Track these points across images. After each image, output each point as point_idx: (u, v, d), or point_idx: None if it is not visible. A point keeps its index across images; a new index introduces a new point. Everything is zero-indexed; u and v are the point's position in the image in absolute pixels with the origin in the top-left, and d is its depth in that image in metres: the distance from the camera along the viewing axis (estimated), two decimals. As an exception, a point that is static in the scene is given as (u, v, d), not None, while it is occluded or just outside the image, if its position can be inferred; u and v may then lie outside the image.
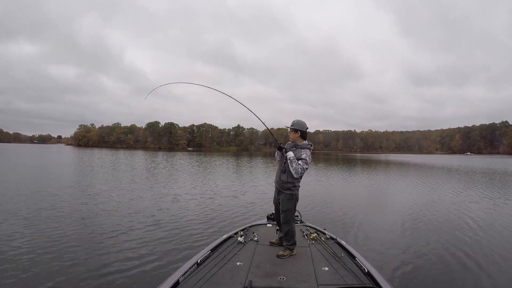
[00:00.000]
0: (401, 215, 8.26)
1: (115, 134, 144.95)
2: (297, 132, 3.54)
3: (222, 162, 34.07)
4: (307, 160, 3.39)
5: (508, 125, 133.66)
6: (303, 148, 3.46)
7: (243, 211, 8.43)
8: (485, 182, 17.62)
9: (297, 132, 3.54)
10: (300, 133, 3.54)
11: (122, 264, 4.52)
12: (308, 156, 3.41)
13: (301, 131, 3.53)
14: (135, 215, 7.61)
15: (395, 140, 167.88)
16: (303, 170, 3.36)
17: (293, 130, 3.55)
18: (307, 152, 3.43)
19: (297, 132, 3.54)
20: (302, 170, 3.35)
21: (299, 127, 3.53)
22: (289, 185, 3.45)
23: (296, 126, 3.54)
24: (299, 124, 3.54)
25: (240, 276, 2.75)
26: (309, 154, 3.44)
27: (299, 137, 3.54)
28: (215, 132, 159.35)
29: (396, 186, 15.35)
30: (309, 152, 3.45)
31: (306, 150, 3.45)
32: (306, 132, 3.55)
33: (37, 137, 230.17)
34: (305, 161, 3.37)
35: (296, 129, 3.54)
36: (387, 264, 4.74)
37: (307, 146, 3.49)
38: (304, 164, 3.36)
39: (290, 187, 3.46)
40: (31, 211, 7.56)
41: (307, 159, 3.39)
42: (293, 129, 3.55)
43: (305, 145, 3.49)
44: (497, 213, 8.77)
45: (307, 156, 3.41)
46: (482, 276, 4.39)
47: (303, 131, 3.54)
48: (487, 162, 45.64)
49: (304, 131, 3.54)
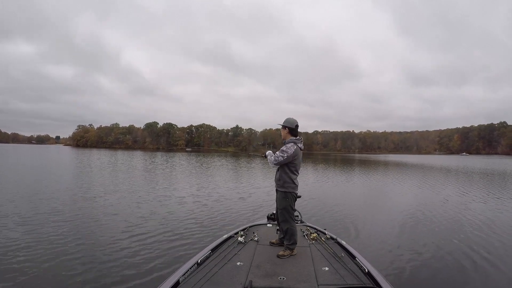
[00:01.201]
0: (401, 215, 8.28)
1: (113, 135, 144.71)
2: (286, 129, 3.71)
3: (222, 162, 34.05)
4: (283, 149, 3.56)
5: (506, 125, 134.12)
6: (288, 143, 3.62)
7: (243, 211, 8.42)
8: (484, 182, 17.67)
9: (286, 129, 3.71)
10: (288, 130, 3.70)
11: (122, 264, 4.51)
12: (288, 148, 3.54)
13: (289, 128, 3.69)
14: (135, 215, 7.59)
15: (393, 140, 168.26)
16: (277, 157, 3.54)
17: (283, 127, 3.75)
18: (288, 145, 3.58)
19: (285, 129, 3.71)
20: (276, 158, 3.56)
21: (287, 124, 3.70)
22: (283, 183, 3.58)
23: (285, 123, 3.73)
24: (287, 121, 3.72)
25: (240, 276, 2.75)
26: (290, 146, 3.56)
27: (288, 134, 3.70)
28: (214, 132, 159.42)
29: (396, 186, 15.37)
30: (290, 145, 3.57)
31: (289, 143, 3.60)
32: (294, 128, 3.70)
33: (35, 137, 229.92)
34: (282, 151, 3.56)
35: (285, 126, 3.72)
36: (387, 264, 4.75)
37: (292, 140, 3.64)
38: (280, 153, 3.55)
39: (284, 185, 3.58)
40: (30, 212, 7.54)
41: (285, 149, 3.55)
42: (283, 126, 3.74)
43: (290, 140, 3.65)
44: (497, 213, 8.80)
45: (286, 148, 3.55)
46: (482, 276, 4.41)
47: (292, 128, 3.68)
48: (483, 163, 45.78)
49: (292, 127, 3.68)
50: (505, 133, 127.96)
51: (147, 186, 12.94)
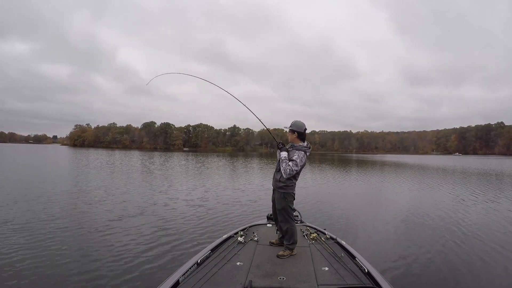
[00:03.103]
0: (401, 215, 8.29)
1: (110, 134, 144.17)
2: (294, 133, 3.56)
3: (220, 162, 34.01)
4: (297, 162, 3.38)
5: (503, 126, 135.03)
6: (298, 150, 3.46)
7: (243, 211, 8.42)
8: (482, 183, 17.75)
9: (294, 133, 3.56)
10: (297, 134, 3.55)
11: (122, 264, 4.49)
12: (300, 158, 3.40)
13: (298, 132, 3.54)
14: (135, 215, 7.56)
15: (390, 140, 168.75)
16: (292, 171, 3.36)
17: (290, 131, 3.59)
18: (300, 154, 3.42)
19: (294, 133, 3.56)
20: (290, 171, 3.36)
21: (296, 128, 3.55)
22: (282, 184, 3.49)
23: (293, 127, 3.57)
24: (296, 125, 3.57)
25: (240, 276, 2.75)
26: (302, 156, 3.42)
27: (296, 138, 3.56)
28: (211, 132, 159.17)
29: (395, 186, 15.41)
30: (302, 154, 3.43)
31: (300, 152, 3.44)
32: (303, 133, 3.56)
33: (32, 137, 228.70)
34: (295, 162, 3.37)
35: (294, 130, 3.56)
36: (387, 264, 4.76)
37: (302, 148, 3.49)
38: (294, 165, 3.36)
39: (283, 185, 3.49)
40: (30, 212, 7.50)
41: (298, 161, 3.38)
42: (291, 130, 3.58)
43: (300, 147, 3.49)
44: (496, 213, 8.84)
45: (299, 158, 3.39)
46: (482, 276, 4.43)
47: (300, 132, 3.54)
48: (478, 163, 45.96)
49: (301, 132, 3.54)
50: (502, 134, 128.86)
51: (147, 186, 12.91)
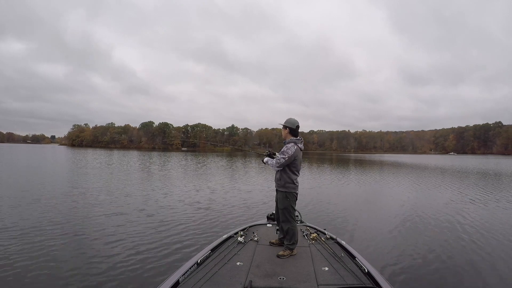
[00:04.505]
0: (400, 215, 8.29)
1: (109, 134, 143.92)
2: (287, 129, 3.75)
3: (220, 162, 34.00)
4: (283, 150, 3.60)
5: (501, 125, 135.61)
6: (288, 143, 3.66)
7: (243, 211, 8.41)
8: (481, 183, 17.81)
9: (287, 129, 3.75)
10: (289, 130, 3.73)
11: (122, 264, 4.48)
12: (288, 148, 3.57)
13: (290, 128, 3.73)
14: (135, 215, 7.54)
15: (389, 140, 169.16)
16: (279, 160, 3.57)
17: (283, 127, 3.79)
18: (288, 145, 3.62)
19: (286, 129, 3.75)
20: (278, 161, 3.58)
21: (288, 124, 3.75)
22: (284, 183, 3.62)
23: (285, 123, 3.78)
24: (289, 122, 3.76)
25: (240, 276, 2.75)
26: (290, 147, 3.59)
27: (288, 134, 3.74)
28: (210, 132, 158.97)
29: (395, 186, 15.42)
30: (290, 145, 3.60)
31: (289, 144, 3.63)
32: (295, 129, 3.73)
33: (30, 137, 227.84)
34: (282, 152, 3.60)
35: (286, 126, 3.76)
36: (387, 264, 4.76)
37: (292, 140, 3.67)
38: (281, 155, 3.58)
39: (284, 185, 3.62)
40: (28, 212, 7.47)
41: (285, 150, 3.58)
42: (284, 126, 3.79)
43: (290, 140, 3.68)
44: (496, 213, 8.87)
45: (287, 148, 3.58)
46: (482, 276, 4.43)
47: (292, 128, 3.72)
48: (475, 162, 46.11)
49: (293, 128, 3.72)
50: (500, 133, 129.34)
51: (147, 186, 12.87)
